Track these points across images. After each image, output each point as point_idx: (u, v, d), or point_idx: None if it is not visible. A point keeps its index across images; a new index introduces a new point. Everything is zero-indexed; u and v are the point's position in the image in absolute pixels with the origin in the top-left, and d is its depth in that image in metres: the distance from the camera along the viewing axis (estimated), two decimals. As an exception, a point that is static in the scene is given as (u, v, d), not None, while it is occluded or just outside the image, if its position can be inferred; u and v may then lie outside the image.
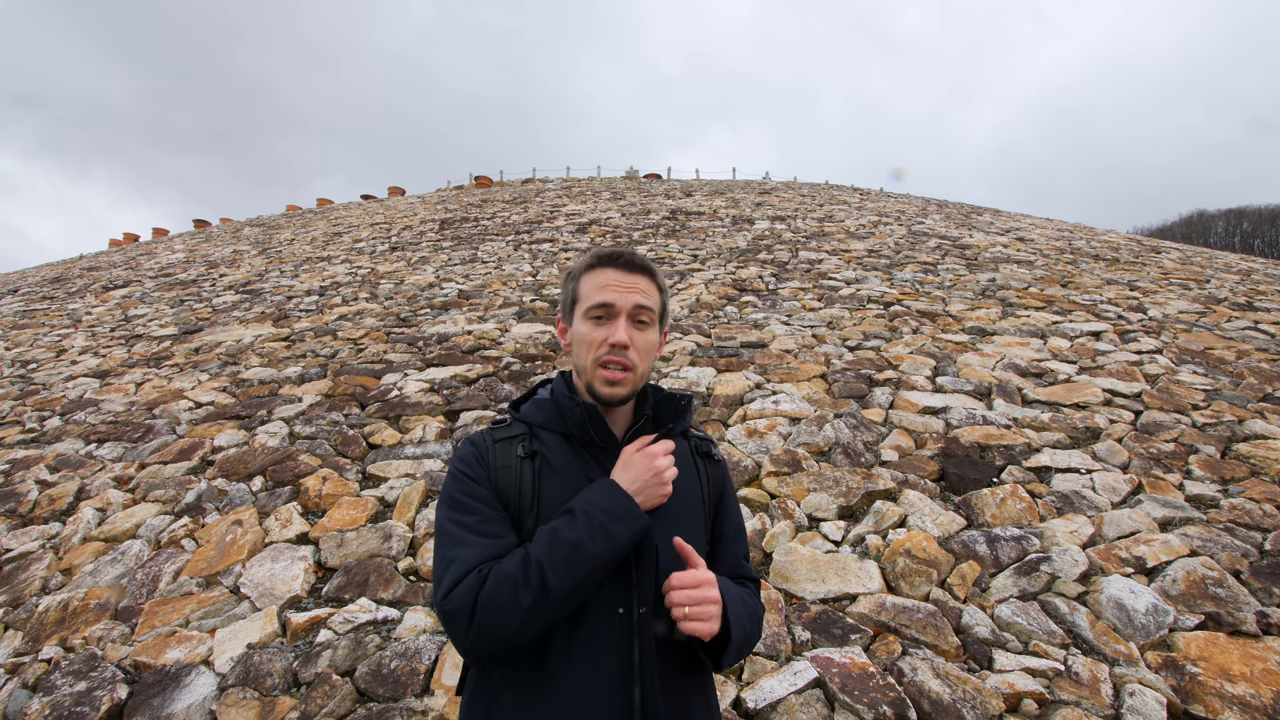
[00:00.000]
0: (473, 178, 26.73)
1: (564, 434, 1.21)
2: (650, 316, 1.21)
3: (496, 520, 1.13)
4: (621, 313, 1.18)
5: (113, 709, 2.44)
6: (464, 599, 1.02)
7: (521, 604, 1.01)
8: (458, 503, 1.14)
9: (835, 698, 2.30)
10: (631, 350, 1.17)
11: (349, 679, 2.49)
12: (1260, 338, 6.28)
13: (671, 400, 1.27)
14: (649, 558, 1.14)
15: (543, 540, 1.06)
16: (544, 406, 1.24)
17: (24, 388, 6.45)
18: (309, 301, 8.71)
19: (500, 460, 1.18)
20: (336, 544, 3.35)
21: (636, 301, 1.19)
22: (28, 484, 4.27)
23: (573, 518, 1.07)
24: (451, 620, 1.03)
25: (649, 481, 1.11)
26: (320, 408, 5.05)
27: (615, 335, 1.16)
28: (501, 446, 1.20)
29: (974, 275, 8.54)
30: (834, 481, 3.65)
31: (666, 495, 1.14)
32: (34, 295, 12.06)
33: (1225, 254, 13.54)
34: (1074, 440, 4.13)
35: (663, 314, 1.27)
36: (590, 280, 1.22)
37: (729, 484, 1.37)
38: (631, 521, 1.08)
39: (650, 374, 1.26)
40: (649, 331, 1.21)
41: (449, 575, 1.05)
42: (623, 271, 1.21)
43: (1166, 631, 2.62)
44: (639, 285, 1.20)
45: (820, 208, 14.64)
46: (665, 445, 1.16)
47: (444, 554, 1.09)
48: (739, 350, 5.82)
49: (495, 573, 1.03)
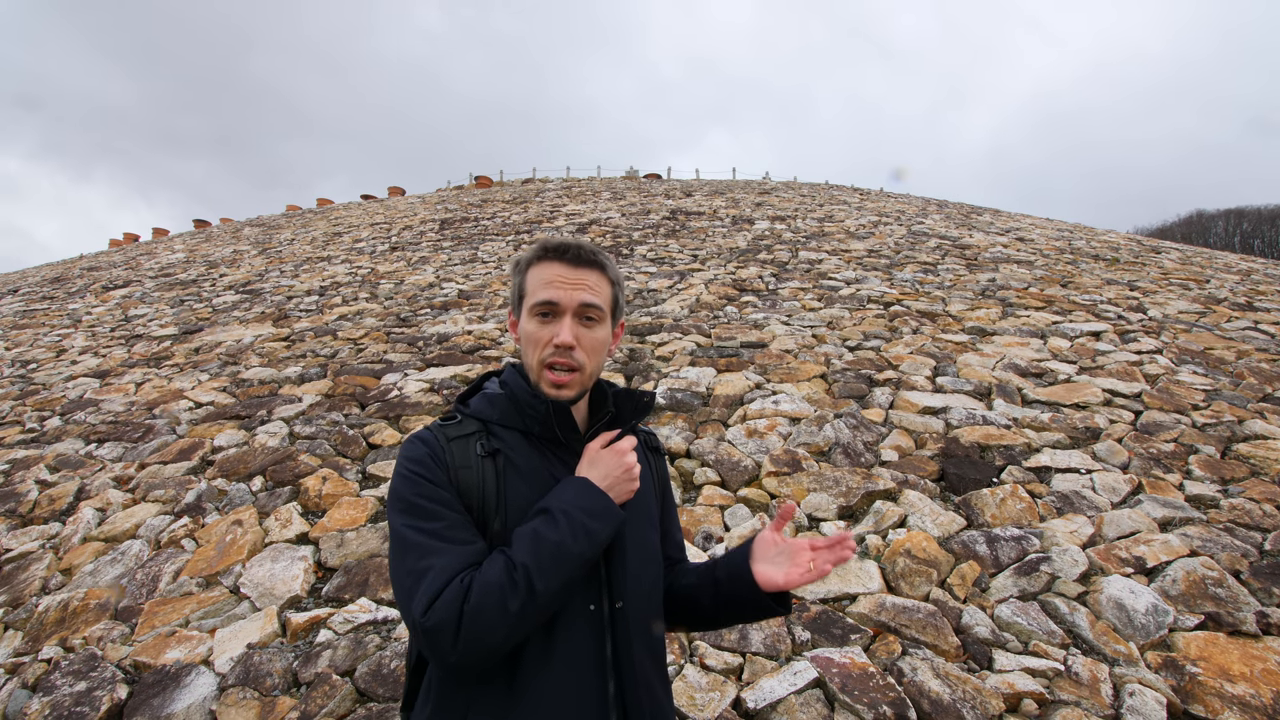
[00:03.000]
0: (473, 178, 26.72)
1: (523, 431, 1.16)
2: (599, 314, 1.16)
3: (463, 525, 1.07)
4: (567, 311, 1.13)
5: (113, 709, 2.44)
6: (448, 611, 0.96)
7: (510, 611, 0.97)
8: (418, 508, 1.06)
9: (835, 698, 2.30)
10: (578, 350, 1.13)
11: (349, 679, 2.49)
12: (1260, 338, 6.28)
13: (631, 397, 1.25)
14: (619, 553, 1.13)
15: (525, 543, 1.02)
16: (498, 402, 1.19)
17: (24, 388, 6.45)
18: (309, 301, 8.71)
19: (459, 460, 1.12)
20: (336, 544, 3.35)
21: (583, 299, 1.13)
22: (28, 484, 4.27)
23: (551, 518, 1.04)
24: (435, 635, 0.96)
25: (619, 478, 1.10)
26: (320, 408, 5.05)
27: (560, 335, 1.12)
28: (458, 445, 1.13)
29: (974, 275, 8.54)
30: (834, 481, 3.65)
31: (634, 490, 1.13)
32: (34, 295, 12.06)
33: (1225, 254, 13.55)
34: (1074, 440, 4.13)
35: (615, 308, 1.21)
36: (536, 275, 1.16)
37: (668, 475, 1.39)
38: (610, 519, 1.07)
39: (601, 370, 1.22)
40: (598, 329, 1.16)
41: (425, 588, 0.98)
42: (569, 266, 1.15)
43: (1166, 631, 2.62)
44: (586, 281, 1.15)
45: (820, 208, 14.64)
46: (629, 441, 1.14)
47: (412, 565, 1.01)
48: (739, 350, 5.82)
49: (479, 581, 0.99)
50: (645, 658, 1.15)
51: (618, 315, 1.24)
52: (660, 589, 1.24)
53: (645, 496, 1.22)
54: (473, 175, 26.77)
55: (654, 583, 1.22)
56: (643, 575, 1.18)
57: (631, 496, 1.14)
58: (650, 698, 1.13)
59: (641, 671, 1.12)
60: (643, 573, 1.18)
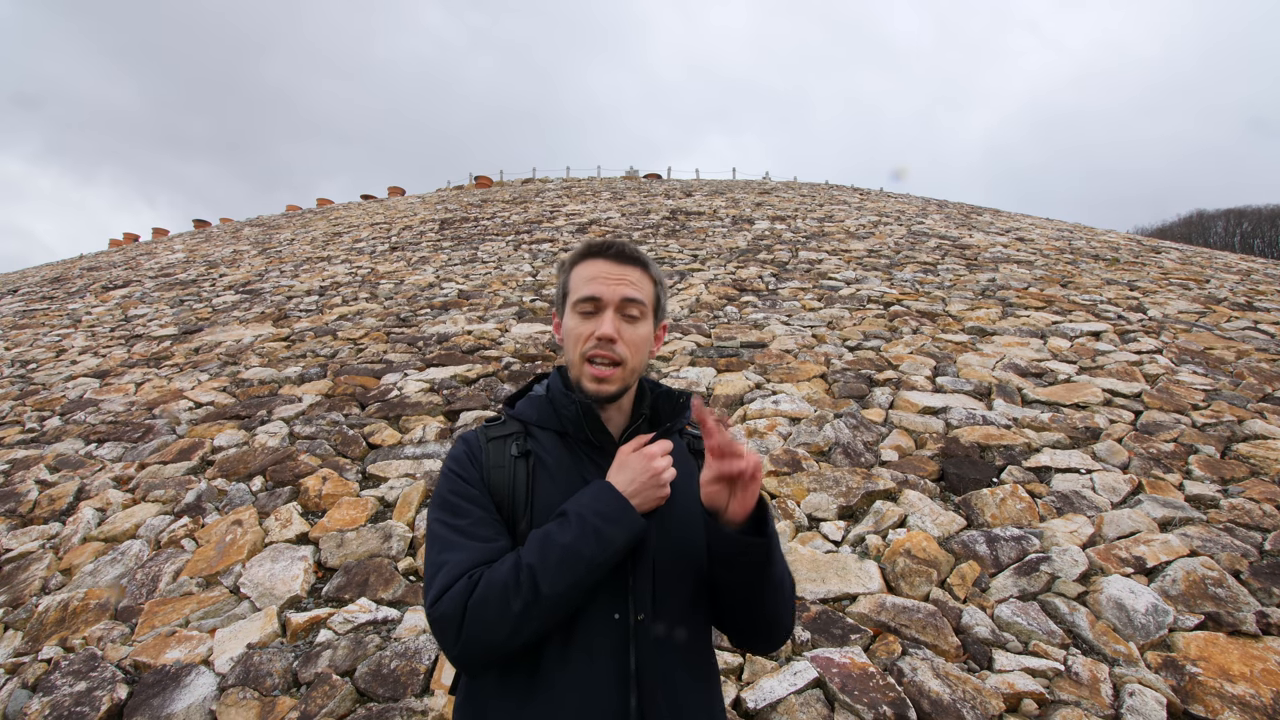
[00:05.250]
0: (472, 178, 26.71)
1: (559, 432, 1.17)
2: (641, 310, 1.16)
3: (488, 523, 1.09)
4: (609, 305, 1.13)
5: (113, 709, 2.44)
6: (454, 605, 0.98)
7: (512, 610, 0.97)
8: (449, 504, 1.10)
9: (835, 698, 2.30)
10: (620, 344, 1.12)
11: (349, 679, 2.49)
12: (1260, 338, 6.28)
13: (670, 397, 1.22)
14: (646, 562, 1.10)
15: (535, 544, 1.02)
16: (539, 403, 1.20)
17: (24, 388, 6.45)
18: (309, 301, 8.70)
19: (494, 460, 1.14)
20: (336, 544, 3.35)
21: (624, 294, 1.14)
22: (28, 484, 4.27)
23: (565, 521, 1.03)
24: (441, 627, 0.99)
25: (646, 483, 1.07)
26: (320, 408, 5.05)
27: (601, 328, 1.11)
28: (495, 445, 1.16)
29: (974, 275, 8.54)
30: (834, 481, 3.65)
31: (664, 497, 1.09)
32: (34, 295, 12.06)
33: (1225, 254, 13.55)
34: (1074, 440, 4.13)
35: (657, 308, 1.22)
36: (580, 272, 1.17)
37: None
38: (627, 525, 1.04)
39: (644, 369, 1.21)
40: (640, 325, 1.16)
41: (439, 580, 1.02)
42: (612, 263, 1.16)
43: (1166, 631, 2.62)
44: (628, 277, 1.16)
45: (820, 208, 14.64)
46: (663, 445, 1.10)
47: (434, 558, 1.05)
48: (739, 350, 5.82)
49: (486, 578, 1.00)
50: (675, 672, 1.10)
51: (660, 315, 1.24)
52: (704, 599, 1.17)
53: (686, 503, 1.16)
54: (472, 175, 26.76)
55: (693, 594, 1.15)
56: (678, 586, 1.13)
57: (661, 503, 1.09)
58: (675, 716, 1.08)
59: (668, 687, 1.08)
60: (678, 584, 1.13)
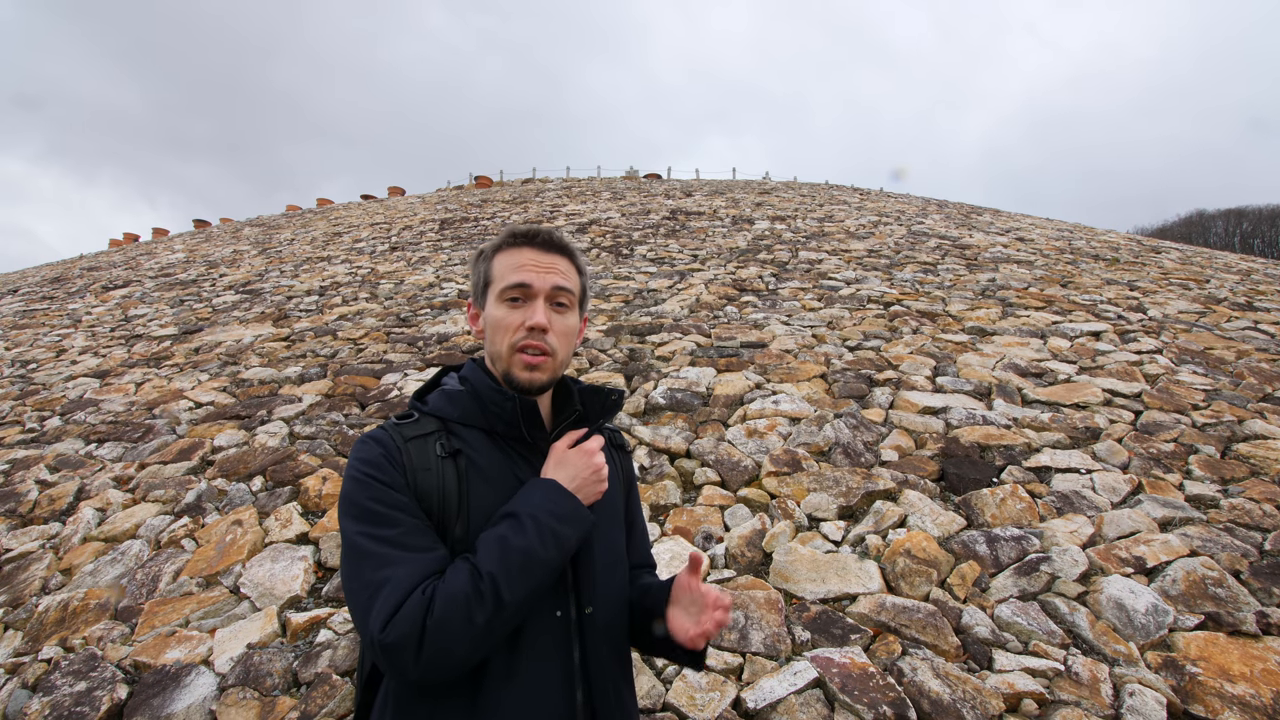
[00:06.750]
0: (472, 178, 26.71)
1: (485, 430, 1.11)
2: (570, 299, 1.14)
3: (421, 531, 0.99)
4: (539, 294, 1.10)
5: (113, 709, 2.44)
6: (410, 625, 0.89)
7: (476, 623, 0.91)
8: (371, 514, 0.98)
9: (835, 698, 2.30)
10: (551, 334, 1.10)
11: (349, 679, 2.49)
12: (1260, 338, 6.28)
13: (598, 393, 1.20)
14: (587, 557, 1.09)
15: (491, 550, 0.96)
16: (458, 399, 1.13)
17: (24, 388, 6.45)
18: (309, 301, 8.70)
19: (418, 461, 1.04)
20: (336, 544, 3.35)
21: (555, 283, 1.11)
22: (28, 484, 4.27)
23: (519, 523, 0.98)
24: (395, 652, 0.89)
25: (588, 479, 1.06)
26: (320, 408, 5.05)
27: (534, 317, 1.08)
28: (416, 445, 1.06)
29: (974, 275, 8.54)
30: (834, 481, 3.65)
31: (603, 492, 1.09)
32: (34, 295, 12.06)
33: (1225, 254, 13.54)
34: (1074, 440, 4.13)
35: (583, 298, 1.20)
36: (505, 260, 1.13)
37: (634, 474, 1.35)
38: (580, 523, 1.03)
39: (570, 362, 1.18)
40: (568, 315, 1.14)
41: (383, 602, 0.91)
42: (540, 251, 1.13)
43: (1166, 631, 2.62)
44: (557, 266, 1.13)
45: (820, 208, 14.64)
46: (597, 441, 1.10)
47: (368, 577, 0.94)
48: (739, 350, 5.82)
49: (441, 592, 0.92)
50: (613, 663, 1.12)
51: (584, 306, 1.22)
52: (626, 592, 1.20)
53: (613, 496, 1.19)
54: (472, 175, 26.76)
55: (621, 586, 1.19)
56: (611, 579, 1.15)
57: (600, 498, 1.10)
58: (619, 704, 1.11)
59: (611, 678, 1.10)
60: (610, 576, 1.15)
